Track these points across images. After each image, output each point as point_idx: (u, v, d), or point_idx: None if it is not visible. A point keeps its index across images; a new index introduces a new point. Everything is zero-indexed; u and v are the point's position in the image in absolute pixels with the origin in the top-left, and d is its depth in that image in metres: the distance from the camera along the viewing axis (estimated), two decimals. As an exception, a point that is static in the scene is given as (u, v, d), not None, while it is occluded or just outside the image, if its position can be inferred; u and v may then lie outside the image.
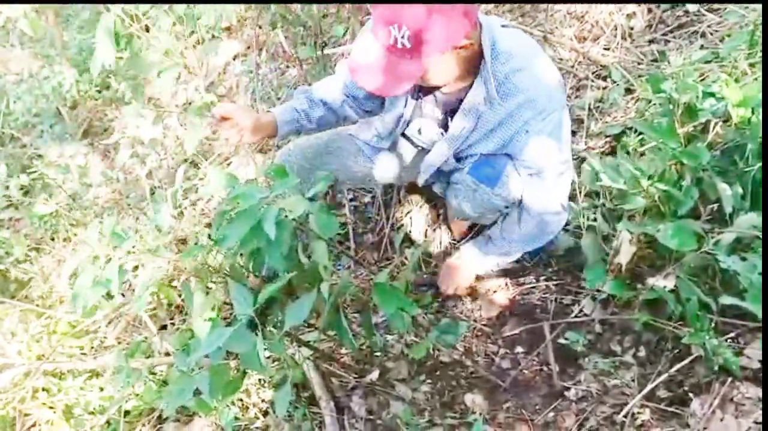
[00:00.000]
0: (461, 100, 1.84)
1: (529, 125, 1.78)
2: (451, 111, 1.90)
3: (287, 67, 3.63)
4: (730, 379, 1.57)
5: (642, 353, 1.84)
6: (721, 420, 1.53)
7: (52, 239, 3.24)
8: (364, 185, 2.39)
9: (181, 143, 3.55)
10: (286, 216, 1.41)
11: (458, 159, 1.99)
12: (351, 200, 2.76)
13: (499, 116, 1.80)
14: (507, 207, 2.01)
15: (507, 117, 1.79)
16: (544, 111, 1.76)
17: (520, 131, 1.80)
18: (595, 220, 1.91)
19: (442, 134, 1.98)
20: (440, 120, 1.97)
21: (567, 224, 2.18)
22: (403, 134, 2.13)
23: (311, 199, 1.48)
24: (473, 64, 1.76)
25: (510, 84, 1.75)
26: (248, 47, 3.92)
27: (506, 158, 1.92)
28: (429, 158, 2.03)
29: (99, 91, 4.29)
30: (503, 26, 1.84)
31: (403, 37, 1.56)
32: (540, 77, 1.76)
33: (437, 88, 1.87)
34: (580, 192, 2.09)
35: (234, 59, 3.95)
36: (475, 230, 2.38)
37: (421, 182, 2.14)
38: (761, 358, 1.57)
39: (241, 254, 1.67)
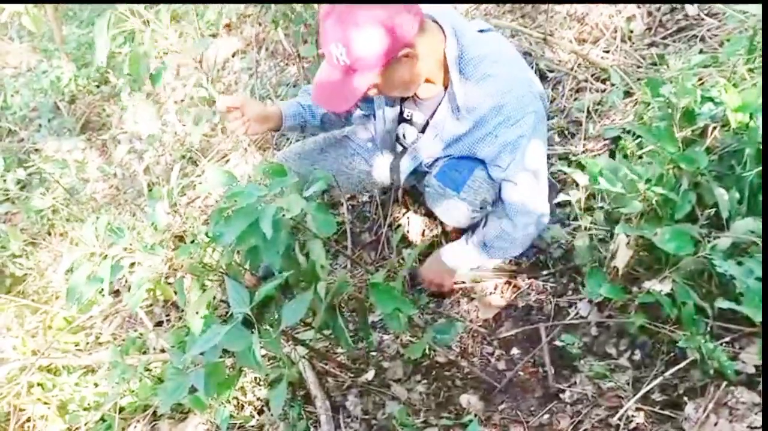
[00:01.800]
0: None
1: (498, 131, 1.79)
2: (432, 115, 1.93)
3: (286, 64, 3.63)
4: (724, 383, 1.57)
5: (637, 356, 1.84)
6: (715, 424, 1.53)
7: (49, 234, 3.24)
8: (361, 188, 2.39)
9: (180, 139, 3.55)
10: (284, 215, 1.41)
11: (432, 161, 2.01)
12: (348, 199, 2.76)
13: (469, 124, 1.83)
14: (475, 213, 2.02)
15: (477, 123, 1.81)
16: (512, 117, 1.76)
17: (489, 135, 1.82)
18: (592, 222, 1.91)
19: (418, 136, 2.01)
20: (422, 125, 2.00)
21: (565, 225, 2.19)
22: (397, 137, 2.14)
23: (309, 198, 1.48)
24: (434, 69, 1.79)
25: (479, 91, 1.77)
26: (248, 44, 3.92)
27: (475, 162, 1.93)
28: (403, 163, 2.07)
29: (97, 86, 4.30)
30: (481, 31, 1.86)
31: (341, 54, 1.61)
32: (509, 83, 1.77)
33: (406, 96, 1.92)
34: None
35: (233, 56, 3.95)
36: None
37: (402, 182, 2.18)
38: (757, 362, 1.57)
39: (238, 252, 1.67)
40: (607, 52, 2.75)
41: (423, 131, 1.99)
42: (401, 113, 2.03)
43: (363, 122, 2.25)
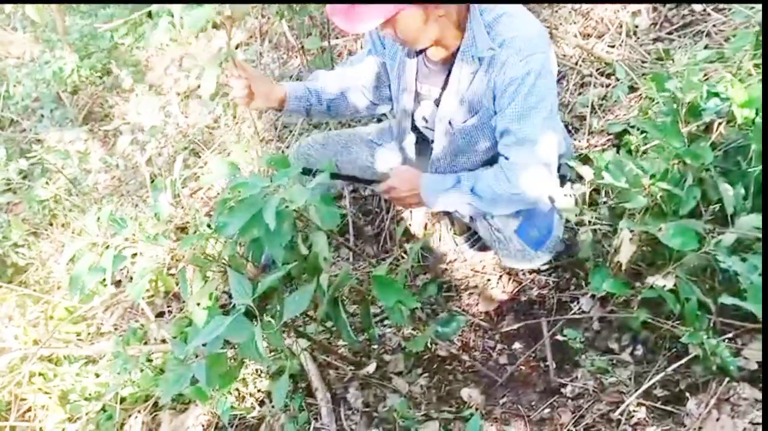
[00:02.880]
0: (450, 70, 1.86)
1: (507, 65, 1.75)
2: (444, 85, 1.91)
3: (290, 57, 3.62)
4: (727, 379, 1.57)
5: (639, 351, 1.84)
6: (717, 420, 1.53)
7: (51, 225, 3.24)
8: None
9: (182, 131, 3.55)
10: (287, 206, 1.41)
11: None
12: (351, 191, 2.76)
13: (485, 67, 1.80)
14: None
15: (491, 61, 1.78)
16: (522, 51, 1.72)
17: (499, 71, 1.77)
18: (596, 217, 1.90)
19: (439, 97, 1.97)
20: (437, 97, 1.97)
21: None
22: (414, 128, 2.12)
23: (312, 189, 1.48)
24: (449, 30, 1.78)
25: (493, 32, 1.76)
26: (251, 36, 3.91)
27: (548, 216, 1.96)
28: (440, 114, 1.98)
29: (100, 77, 4.28)
30: None
31: None
32: (521, 22, 1.77)
33: (420, 52, 1.90)
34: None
35: (236, 48, 3.94)
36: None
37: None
38: (760, 359, 1.57)
39: (241, 244, 1.66)
40: (612, 46, 2.74)
41: (437, 103, 1.96)
42: (416, 92, 2.01)
43: (381, 126, 2.25)
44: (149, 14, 4.37)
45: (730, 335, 1.64)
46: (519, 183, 1.82)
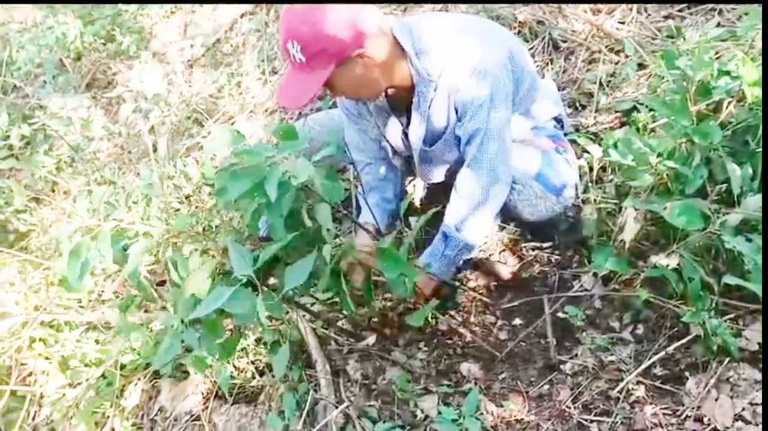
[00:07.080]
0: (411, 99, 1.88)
1: (459, 84, 1.79)
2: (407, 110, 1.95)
3: (295, 27, 3.58)
4: (727, 360, 1.57)
5: (640, 330, 1.83)
6: (716, 399, 1.53)
7: (53, 191, 3.23)
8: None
9: (185, 100, 3.52)
10: (290, 179, 1.39)
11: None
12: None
13: (441, 91, 1.83)
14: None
15: (446, 82, 1.81)
16: (466, 69, 1.77)
17: (453, 92, 1.82)
18: (602, 195, 1.89)
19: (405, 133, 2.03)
20: (404, 123, 2.02)
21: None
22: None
23: (317, 163, 1.46)
24: (394, 66, 1.79)
25: (432, 57, 1.79)
26: (256, 5, 3.87)
27: (567, 165, 2.00)
28: (412, 143, 2.03)
29: (103, 44, 4.24)
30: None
31: (297, 51, 1.63)
32: (455, 46, 1.79)
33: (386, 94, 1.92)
34: (591, 169, 2.06)
35: (241, 17, 3.90)
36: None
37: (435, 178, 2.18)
38: (761, 340, 1.57)
39: (242, 216, 1.65)
40: (623, 23, 2.71)
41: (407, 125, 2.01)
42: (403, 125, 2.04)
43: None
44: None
45: (731, 315, 1.64)
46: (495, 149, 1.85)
